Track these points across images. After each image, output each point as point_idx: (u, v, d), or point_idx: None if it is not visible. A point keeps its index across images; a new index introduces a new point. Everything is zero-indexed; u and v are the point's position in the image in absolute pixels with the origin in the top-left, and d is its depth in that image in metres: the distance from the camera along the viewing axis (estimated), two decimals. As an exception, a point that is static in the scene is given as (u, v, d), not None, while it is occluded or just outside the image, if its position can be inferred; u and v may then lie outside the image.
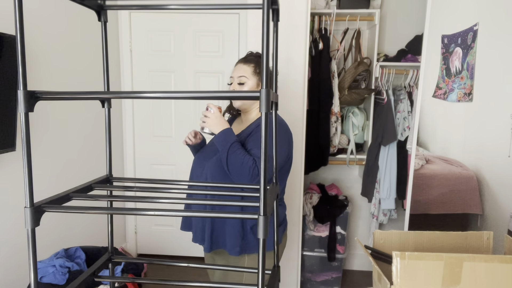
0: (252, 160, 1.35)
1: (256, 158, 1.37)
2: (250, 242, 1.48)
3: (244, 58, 1.55)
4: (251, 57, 1.55)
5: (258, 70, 1.51)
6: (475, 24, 1.80)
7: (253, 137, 1.45)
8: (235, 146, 1.37)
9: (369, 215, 2.84)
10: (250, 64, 1.51)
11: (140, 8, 0.88)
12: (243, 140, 1.48)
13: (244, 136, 1.50)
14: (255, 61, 1.52)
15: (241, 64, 1.53)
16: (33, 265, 0.66)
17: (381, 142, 2.49)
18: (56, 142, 2.11)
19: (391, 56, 2.65)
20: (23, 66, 0.62)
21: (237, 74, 1.51)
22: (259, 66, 1.50)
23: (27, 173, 0.64)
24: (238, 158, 1.34)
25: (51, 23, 2.04)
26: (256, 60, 1.53)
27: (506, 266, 0.96)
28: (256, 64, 1.51)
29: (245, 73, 1.50)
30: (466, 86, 1.86)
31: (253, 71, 1.50)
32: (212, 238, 1.50)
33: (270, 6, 0.67)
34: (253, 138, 1.45)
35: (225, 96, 0.68)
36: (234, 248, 1.46)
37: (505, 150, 1.64)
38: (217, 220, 1.49)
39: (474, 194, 1.88)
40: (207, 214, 0.68)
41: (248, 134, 1.49)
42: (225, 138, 1.38)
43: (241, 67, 1.52)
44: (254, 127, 1.50)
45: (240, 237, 1.46)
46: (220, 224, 1.49)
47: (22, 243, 1.85)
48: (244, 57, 1.57)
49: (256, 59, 1.54)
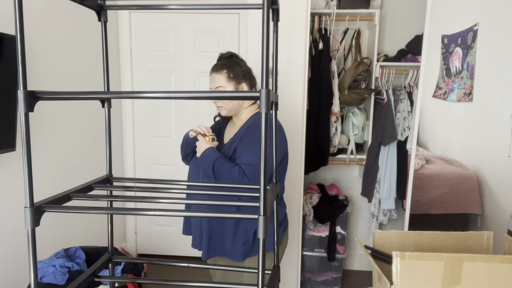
0: (238, 170, 1.35)
1: (243, 165, 1.37)
2: (252, 245, 1.47)
3: (215, 66, 1.51)
4: (221, 62, 1.50)
5: (231, 74, 1.48)
6: (475, 24, 1.80)
7: (242, 142, 1.44)
8: (218, 162, 1.38)
9: (369, 215, 2.83)
10: (222, 72, 1.47)
11: (140, 8, 0.88)
12: (232, 143, 1.47)
13: (233, 139, 1.49)
14: (226, 65, 1.48)
15: (214, 74, 1.49)
16: (33, 265, 0.66)
17: (381, 142, 2.49)
18: (56, 142, 2.11)
19: (391, 56, 2.65)
20: (23, 66, 0.62)
21: (213, 85, 1.49)
22: (231, 69, 1.48)
23: (27, 173, 0.64)
24: (225, 174, 1.36)
25: (51, 23, 2.04)
26: (227, 64, 1.48)
27: (506, 266, 0.96)
28: (228, 69, 1.47)
29: (220, 83, 1.47)
30: (466, 86, 1.86)
31: (227, 77, 1.47)
32: (209, 246, 1.48)
33: (270, 6, 0.67)
34: (242, 143, 1.43)
35: (225, 97, 0.68)
36: (236, 254, 1.46)
37: (505, 150, 1.64)
38: (214, 229, 1.47)
39: (474, 194, 1.88)
40: (207, 214, 0.68)
41: (236, 137, 1.48)
42: (207, 160, 1.40)
43: (215, 77, 1.48)
44: (243, 130, 1.48)
45: (241, 244, 1.45)
46: (218, 233, 1.47)
47: (22, 243, 1.85)
48: (215, 64, 1.52)
49: (226, 62, 1.49)
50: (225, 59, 1.51)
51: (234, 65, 1.49)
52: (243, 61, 1.55)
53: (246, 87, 1.51)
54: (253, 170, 1.35)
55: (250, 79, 1.54)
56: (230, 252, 1.47)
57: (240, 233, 1.45)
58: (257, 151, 1.36)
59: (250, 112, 1.54)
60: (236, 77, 1.48)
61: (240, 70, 1.50)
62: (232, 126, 1.59)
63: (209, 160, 1.39)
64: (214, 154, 1.41)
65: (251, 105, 1.56)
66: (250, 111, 1.55)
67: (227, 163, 1.38)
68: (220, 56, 1.55)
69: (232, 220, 1.44)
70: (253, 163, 1.36)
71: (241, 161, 1.39)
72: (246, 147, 1.41)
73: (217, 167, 1.38)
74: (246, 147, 1.41)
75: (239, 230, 1.45)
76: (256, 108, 1.57)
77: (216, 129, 1.64)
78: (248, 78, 1.53)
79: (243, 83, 1.51)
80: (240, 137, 1.46)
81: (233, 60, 1.51)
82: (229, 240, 1.46)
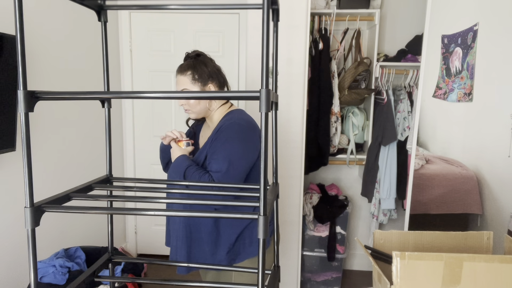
0: (207, 178, 1.30)
1: (213, 172, 1.31)
2: (237, 251, 1.41)
3: (180, 66, 1.43)
4: (186, 63, 1.42)
5: (196, 75, 1.40)
6: (475, 24, 1.80)
7: (211, 147, 1.37)
8: (189, 170, 1.33)
9: (369, 215, 2.83)
10: (186, 73, 1.40)
11: (140, 8, 0.88)
12: (204, 148, 1.42)
13: (208, 145, 1.42)
14: (191, 66, 1.40)
15: (178, 75, 1.42)
16: (33, 265, 0.66)
17: (381, 142, 2.49)
18: (56, 142, 2.11)
19: (391, 56, 2.65)
20: (23, 66, 0.62)
21: (178, 88, 1.43)
22: (196, 70, 1.40)
23: (27, 173, 0.64)
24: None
25: (51, 23, 2.04)
26: (192, 64, 1.41)
27: (506, 266, 0.96)
28: (192, 70, 1.40)
29: (184, 85, 1.40)
30: (466, 86, 1.86)
31: (192, 78, 1.40)
32: (189, 259, 1.42)
33: (270, 6, 0.67)
34: (211, 149, 1.37)
35: (224, 96, 0.68)
36: (221, 264, 1.39)
37: (505, 150, 1.64)
38: (193, 241, 1.40)
39: (474, 194, 1.88)
40: (207, 214, 0.68)
41: (207, 141, 1.42)
42: (178, 168, 1.35)
43: (180, 79, 1.41)
44: (213, 133, 1.40)
45: (225, 253, 1.40)
46: (197, 244, 1.41)
47: (22, 243, 1.85)
48: (180, 65, 1.44)
49: (191, 62, 1.41)
50: (191, 59, 1.43)
51: (200, 65, 1.41)
52: (210, 60, 1.46)
53: (214, 87, 1.43)
54: (222, 177, 1.30)
55: (218, 79, 1.45)
56: (213, 263, 1.39)
57: (223, 241, 1.39)
58: (224, 156, 1.31)
59: (222, 113, 1.46)
60: (201, 78, 1.40)
61: (205, 70, 1.41)
62: (206, 128, 1.53)
63: (180, 169, 1.35)
64: (184, 162, 1.35)
65: (221, 105, 1.47)
66: (221, 112, 1.47)
67: (197, 171, 1.32)
68: (186, 55, 1.46)
69: (211, 227, 1.38)
70: (221, 170, 1.30)
71: (210, 168, 1.34)
72: (215, 153, 1.35)
73: (188, 176, 1.33)
74: (214, 153, 1.35)
75: (221, 238, 1.39)
76: (228, 108, 1.48)
77: (191, 133, 1.58)
78: (216, 78, 1.44)
79: (209, 84, 1.42)
80: (211, 142, 1.39)
81: (199, 60, 1.42)
82: (209, 249, 1.40)
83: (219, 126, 1.39)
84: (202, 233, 1.40)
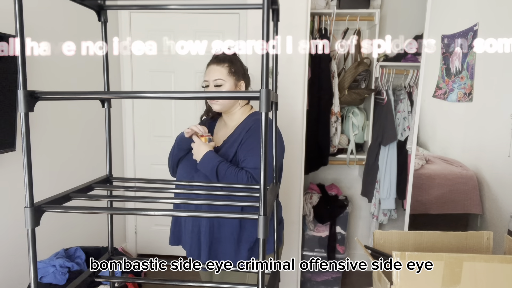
0: (245, 174, 1.30)
1: (251, 169, 1.32)
2: (258, 248, 1.43)
3: (216, 58, 1.45)
4: (223, 55, 1.45)
5: (233, 69, 1.42)
6: (475, 24, 1.80)
7: (244, 145, 1.38)
8: (222, 166, 1.32)
9: (369, 215, 2.83)
10: (223, 65, 1.41)
11: (140, 8, 0.88)
12: (230, 145, 1.41)
13: (231, 142, 1.42)
14: (228, 60, 1.43)
15: (214, 65, 1.43)
16: (33, 265, 0.66)
17: (381, 142, 2.49)
18: (56, 142, 2.11)
19: (391, 56, 2.65)
20: (23, 66, 0.62)
21: (212, 77, 1.41)
22: (233, 64, 1.43)
23: (27, 173, 0.64)
24: (231, 179, 1.29)
25: (51, 23, 2.04)
26: (229, 59, 1.43)
27: (506, 266, 0.96)
28: (229, 63, 1.42)
29: (220, 75, 1.41)
30: (466, 86, 1.86)
31: (228, 71, 1.41)
32: (210, 257, 1.41)
33: (270, 6, 0.67)
34: (244, 147, 1.37)
35: (224, 97, 0.68)
36: (242, 260, 1.40)
37: (505, 150, 1.64)
38: (215, 239, 1.40)
39: (474, 194, 1.88)
40: (207, 214, 0.68)
41: (235, 140, 1.41)
42: (209, 164, 1.34)
43: (215, 68, 1.42)
44: (242, 132, 1.41)
45: (246, 250, 1.40)
46: (218, 242, 1.41)
47: (22, 243, 1.85)
48: (216, 56, 1.46)
49: (228, 57, 1.44)
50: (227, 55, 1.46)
51: (236, 61, 1.45)
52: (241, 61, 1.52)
53: (244, 86, 1.47)
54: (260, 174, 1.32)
55: (247, 78, 1.51)
56: (234, 261, 1.39)
57: (244, 239, 1.40)
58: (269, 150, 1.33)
59: (244, 113, 1.48)
60: (236, 73, 1.44)
61: (240, 68, 1.46)
62: (223, 126, 1.52)
63: (211, 165, 1.33)
64: (216, 158, 1.34)
65: (245, 104, 1.51)
66: (244, 111, 1.49)
67: (231, 168, 1.32)
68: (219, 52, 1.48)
69: (235, 226, 1.38)
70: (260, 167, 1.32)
71: (246, 165, 1.34)
72: (251, 151, 1.35)
73: (221, 172, 1.32)
74: (250, 150, 1.36)
75: (243, 236, 1.39)
76: (250, 108, 1.52)
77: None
78: (247, 78, 1.50)
79: (242, 81, 1.46)
80: (240, 140, 1.40)
81: (235, 56, 1.47)
82: (232, 247, 1.40)
83: (248, 125, 1.41)
84: (226, 232, 1.39)
